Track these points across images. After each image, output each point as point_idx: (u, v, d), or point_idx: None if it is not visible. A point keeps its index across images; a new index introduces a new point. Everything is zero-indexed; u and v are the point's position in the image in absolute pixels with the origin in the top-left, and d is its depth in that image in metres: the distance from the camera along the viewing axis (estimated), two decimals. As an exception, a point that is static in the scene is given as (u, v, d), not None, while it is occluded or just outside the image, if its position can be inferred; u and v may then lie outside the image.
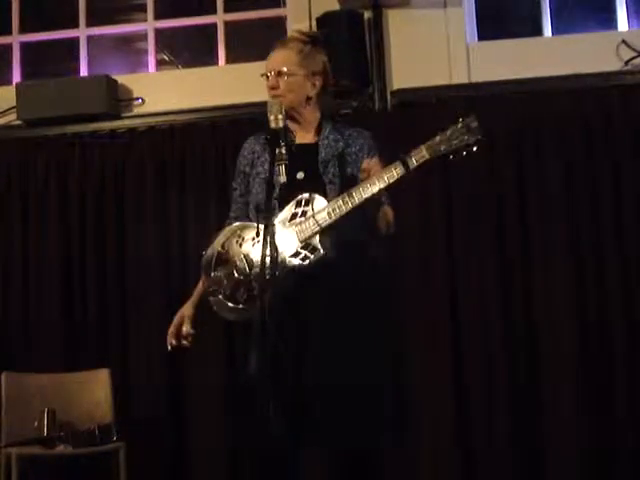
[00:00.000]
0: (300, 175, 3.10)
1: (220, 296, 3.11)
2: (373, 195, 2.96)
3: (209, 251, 3.17)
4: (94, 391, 5.02)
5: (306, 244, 2.99)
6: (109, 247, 5.37)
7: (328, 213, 2.99)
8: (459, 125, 2.98)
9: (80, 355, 5.28)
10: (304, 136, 3.20)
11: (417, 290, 5.07)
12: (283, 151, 2.88)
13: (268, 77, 3.16)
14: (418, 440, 4.89)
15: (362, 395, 3.01)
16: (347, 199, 2.98)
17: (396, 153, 4.81)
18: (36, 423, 4.71)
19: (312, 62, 3.21)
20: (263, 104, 2.97)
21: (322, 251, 2.98)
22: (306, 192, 3.03)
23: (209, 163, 5.33)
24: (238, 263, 3.10)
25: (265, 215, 2.77)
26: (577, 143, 5.08)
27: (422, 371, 4.97)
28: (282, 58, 3.17)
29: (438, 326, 5.04)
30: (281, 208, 3.04)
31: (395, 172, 2.96)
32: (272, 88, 3.14)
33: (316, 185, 3.07)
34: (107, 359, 5.19)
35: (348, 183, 3.05)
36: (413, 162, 2.97)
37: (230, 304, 3.09)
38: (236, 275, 3.09)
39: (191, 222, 5.27)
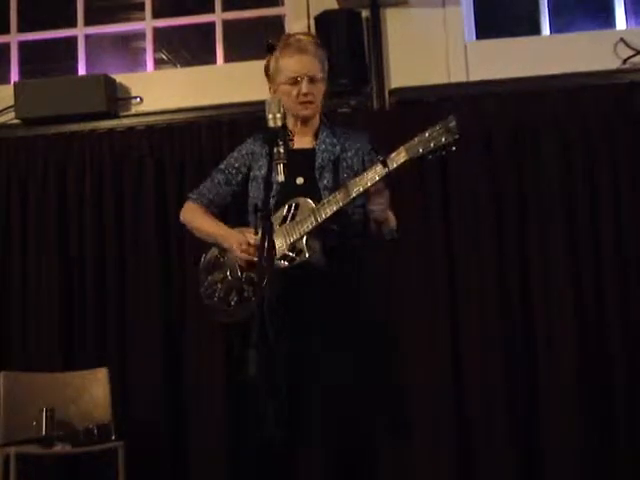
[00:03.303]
0: (300, 180, 3.14)
1: (215, 299, 3.13)
2: (357, 196, 2.99)
3: (208, 255, 3.20)
4: (93, 390, 5.02)
5: (293, 247, 3.03)
6: (108, 246, 5.36)
7: (315, 216, 3.02)
8: (437, 126, 2.98)
9: (79, 354, 5.28)
10: (302, 139, 3.23)
11: (416, 290, 5.07)
12: (281, 150, 2.88)
13: (296, 81, 3.15)
14: (418, 440, 4.90)
15: (357, 395, 3.04)
16: (332, 201, 3.01)
17: (394, 151, 4.81)
18: (35, 422, 4.70)
19: (325, 67, 3.25)
20: (262, 103, 2.96)
21: (307, 254, 3.01)
22: (301, 197, 3.07)
23: (208, 162, 5.31)
24: (231, 266, 3.12)
25: (263, 214, 2.78)
26: (575, 142, 5.07)
27: (422, 371, 4.97)
28: (312, 64, 3.18)
29: (437, 326, 5.03)
30: (277, 210, 3.08)
31: (376, 173, 2.98)
32: (308, 94, 3.15)
33: (314, 191, 3.11)
34: (106, 358, 5.18)
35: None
36: (393, 163, 2.98)
37: (223, 307, 3.12)
38: (229, 278, 3.11)
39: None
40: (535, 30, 5.54)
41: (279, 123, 2.87)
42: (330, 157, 3.18)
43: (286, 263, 3.02)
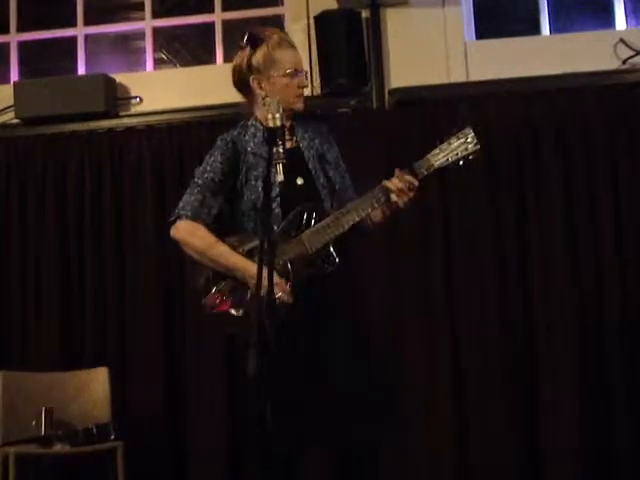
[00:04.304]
0: (300, 181, 3.15)
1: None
2: (384, 204, 3.06)
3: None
4: (92, 390, 5.02)
5: (318, 253, 3.04)
6: (107, 246, 5.36)
7: (341, 222, 3.04)
8: (459, 135, 3.09)
9: (78, 354, 5.28)
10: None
11: (415, 290, 5.08)
12: (280, 150, 2.88)
13: (295, 74, 3.18)
14: (417, 440, 4.90)
15: (360, 394, 3.07)
16: (357, 208, 3.05)
17: (394, 151, 4.83)
18: (34, 422, 4.71)
19: None
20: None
21: (337, 260, 3.04)
22: (307, 199, 3.10)
23: (207, 162, 5.32)
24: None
25: (264, 215, 2.78)
26: (575, 142, 5.07)
27: (421, 371, 4.97)
28: (302, 60, 3.26)
29: (436, 325, 5.03)
30: (283, 213, 3.09)
31: (405, 181, 3.03)
32: (305, 87, 3.21)
33: (314, 190, 3.15)
34: (105, 358, 5.19)
35: (331, 184, 3.18)
36: (422, 171, 3.05)
37: (235, 312, 3.08)
38: (242, 286, 3.09)
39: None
40: (535, 30, 5.53)
41: (278, 123, 2.86)
42: (315, 153, 3.22)
43: (316, 270, 3.03)
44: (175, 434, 5.16)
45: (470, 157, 3.10)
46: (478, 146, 3.09)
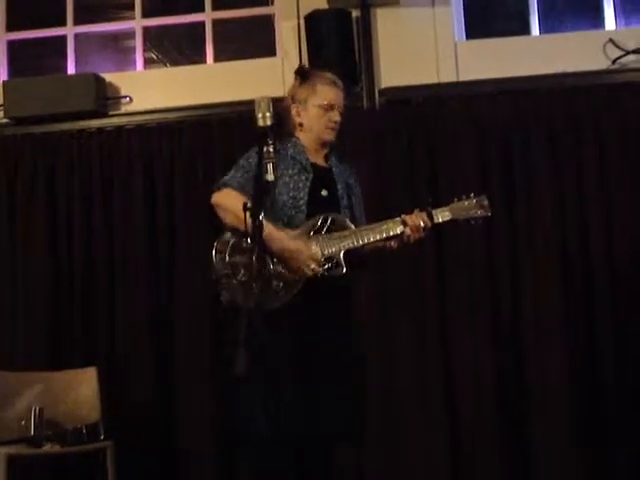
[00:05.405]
0: (324, 192, 3.30)
1: (234, 281, 3.15)
2: (396, 235, 3.27)
3: (227, 235, 3.22)
4: (82, 390, 5.00)
5: (329, 258, 3.19)
6: (97, 245, 5.34)
7: (356, 238, 3.22)
8: (474, 200, 3.41)
9: (67, 354, 5.26)
10: (316, 156, 3.38)
11: (406, 282, 5.08)
12: (271, 149, 2.90)
13: (330, 108, 3.36)
14: (411, 443, 4.91)
15: (350, 395, 3.16)
16: (376, 230, 3.24)
17: (384, 151, 4.81)
18: (23, 422, 4.69)
19: None
20: (252, 102, 2.97)
21: (344, 269, 3.18)
22: (330, 211, 3.26)
23: (197, 161, 5.32)
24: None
25: (253, 213, 2.79)
26: (565, 142, 5.09)
27: (413, 373, 4.98)
28: (342, 99, 3.45)
29: (427, 327, 5.04)
30: (306, 214, 3.22)
31: (421, 220, 3.28)
32: (337, 122, 3.39)
33: (337, 206, 3.31)
34: (95, 358, 5.17)
35: (351, 207, 3.37)
36: (439, 218, 3.32)
37: (242, 289, 3.14)
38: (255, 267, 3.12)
39: (180, 221, 5.26)
40: (525, 30, 5.55)
41: (268, 122, 2.90)
42: (345, 180, 3.38)
43: (320, 270, 3.15)
44: (165, 434, 5.15)
45: (480, 221, 3.40)
46: (489, 214, 3.42)
